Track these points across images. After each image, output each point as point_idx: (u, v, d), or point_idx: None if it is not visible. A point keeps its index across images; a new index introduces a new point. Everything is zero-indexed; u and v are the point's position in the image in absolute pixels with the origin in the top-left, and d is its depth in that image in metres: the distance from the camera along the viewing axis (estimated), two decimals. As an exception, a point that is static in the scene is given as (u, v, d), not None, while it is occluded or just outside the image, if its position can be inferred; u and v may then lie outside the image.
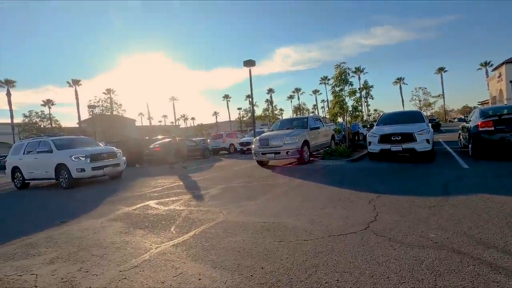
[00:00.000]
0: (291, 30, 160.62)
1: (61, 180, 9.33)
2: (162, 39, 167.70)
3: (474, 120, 8.19)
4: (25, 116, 45.59)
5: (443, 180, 5.45)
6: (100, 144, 11.66)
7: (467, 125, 9.08)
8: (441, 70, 68.83)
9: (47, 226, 4.76)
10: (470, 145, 8.06)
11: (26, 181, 10.49)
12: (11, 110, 47.88)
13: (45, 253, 3.46)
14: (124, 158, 10.74)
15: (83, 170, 9.02)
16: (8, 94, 47.65)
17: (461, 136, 10.35)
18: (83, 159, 9.16)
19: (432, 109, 70.82)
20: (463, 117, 56.09)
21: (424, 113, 11.07)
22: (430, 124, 9.16)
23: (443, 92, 68.75)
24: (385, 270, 2.29)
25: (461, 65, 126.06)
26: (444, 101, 70.89)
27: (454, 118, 78.93)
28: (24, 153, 10.46)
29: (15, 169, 10.63)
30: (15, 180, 10.76)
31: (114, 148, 10.88)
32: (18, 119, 47.75)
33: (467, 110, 75.51)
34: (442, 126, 35.60)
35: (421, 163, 7.82)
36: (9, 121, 48.45)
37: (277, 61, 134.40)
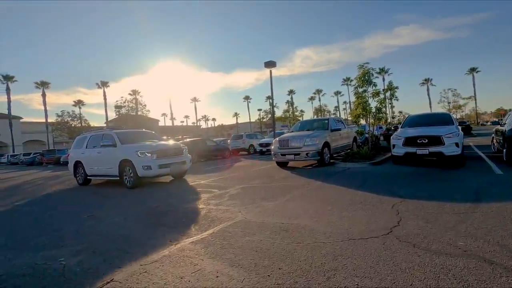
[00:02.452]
0: (311, 31, 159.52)
1: (125, 178, 8.23)
2: (184, 43, 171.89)
3: (510, 123, 7.66)
4: (58, 115, 48.44)
5: (473, 186, 5.14)
6: (163, 138, 10.15)
7: (501, 128, 8.51)
8: (472, 70, 65.29)
9: (76, 220, 5.02)
10: (504, 150, 7.54)
11: (88, 177, 9.62)
12: (45, 110, 51.15)
13: (73, 244, 3.64)
14: (190, 155, 9.45)
15: (149, 168, 7.82)
16: (43, 95, 50.89)
17: (494, 140, 9.72)
18: (149, 155, 7.97)
19: (462, 112, 67.30)
20: (496, 120, 52.76)
21: (454, 116, 10.51)
22: (460, 127, 8.68)
23: (474, 93, 65.20)
24: (408, 277, 2.19)
25: (495, 65, 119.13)
26: (476, 103, 67.18)
27: (487, 121, 74.56)
28: (86, 147, 9.62)
29: (78, 164, 9.80)
30: (77, 176, 9.99)
31: (180, 143, 9.77)
32: (51, 119, 50.88)
33: (501, 113, 70.98)
34: (474, 129, 33.64)
35: (449, 168, 7.43)
36: (43, 120, 51.69)
37: (297, 63, 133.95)
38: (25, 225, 4.99)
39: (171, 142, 9.84)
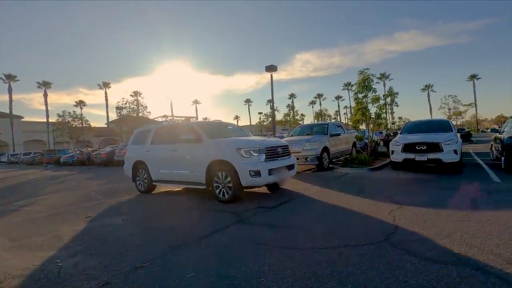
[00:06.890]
0: (311, 36, 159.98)
1: (216, 187, 5.70)
2: (185, 45, 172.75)
3: (508, 130, 7.73)
4: (59, 115, 48.59)
5: (471, 194, 5.16)
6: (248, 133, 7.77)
7: (500, 136, 8.55)
8: (473, 77, 65.56)
9: (74, 221, 5.03)
10: (502, 157, 7.57)
11: (154, 183, 7.24)
12: (47, 110, 51.39)
13: (70, 246, 3.65)
14: (294, 157, 6.80)
15: (257, 174, 5.32)
16: (45, 95, 51.09)
17: (493, 148, 9.75)
18: (256, 154, 5.49)
19: (462, 118, 67.39)
20: (496, 128, 52.67)
21: (454, 122, 10.54)
22: (458, 134, 8.71)
23: (475, 100, 65.35)
24: (402, 285, 2.20)
25: (496, 72, 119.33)
26: (476, 110, 67.30)
27: (487, 128, 74.58)
28: (152, 143, 7.27)
29: (139, 165, 7.47)
30: (138, 181, 7.58)
31: (283, 140, 7.19)
32: (52, 119, 51.04)
33: (501, 120, 71.09)
34: (474, 136, 33.65)
35: (447, 174, 7.44)
36: (44, 120, 51.83)
37: (297, 67, 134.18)
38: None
39: (269, 137, 7.36)
